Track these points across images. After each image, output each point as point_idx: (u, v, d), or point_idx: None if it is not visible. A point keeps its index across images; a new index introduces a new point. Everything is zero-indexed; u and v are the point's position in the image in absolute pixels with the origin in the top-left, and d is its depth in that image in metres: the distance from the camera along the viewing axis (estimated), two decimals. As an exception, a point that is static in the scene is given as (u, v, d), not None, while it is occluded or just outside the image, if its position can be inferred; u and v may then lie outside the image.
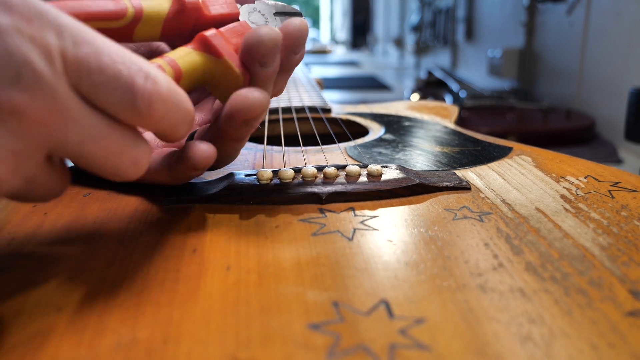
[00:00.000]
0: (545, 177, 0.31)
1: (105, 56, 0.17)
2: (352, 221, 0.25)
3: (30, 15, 0.16)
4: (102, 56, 0.17)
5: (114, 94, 0.17)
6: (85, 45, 0.17)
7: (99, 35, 0.17)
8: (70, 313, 0.17)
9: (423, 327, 0.16)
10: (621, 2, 1.05)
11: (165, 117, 0.18)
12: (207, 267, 0.20)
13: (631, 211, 0.26)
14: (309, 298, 0.18)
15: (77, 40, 0.17)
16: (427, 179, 0.30)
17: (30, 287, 0.19)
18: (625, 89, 0.99)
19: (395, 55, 4.07)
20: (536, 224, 0.24)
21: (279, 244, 0.22)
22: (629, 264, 0.21)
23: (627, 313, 0.17)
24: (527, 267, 0.20)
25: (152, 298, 0.18)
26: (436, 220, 0.25)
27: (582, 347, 0.16)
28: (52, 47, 0.16)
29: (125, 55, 0.17)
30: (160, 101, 0.18)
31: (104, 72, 0.17)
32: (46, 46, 0.16)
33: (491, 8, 1.90)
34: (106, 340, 0.16)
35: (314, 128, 0.46)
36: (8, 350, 0.15)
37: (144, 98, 0.17)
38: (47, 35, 0.16)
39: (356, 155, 0.36)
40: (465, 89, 1.36)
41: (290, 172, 0.28)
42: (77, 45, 0.17)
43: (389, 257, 0.21)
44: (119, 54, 0.17)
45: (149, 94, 0.17)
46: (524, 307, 0.18)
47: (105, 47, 0.17)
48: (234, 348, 0.15)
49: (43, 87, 0.16)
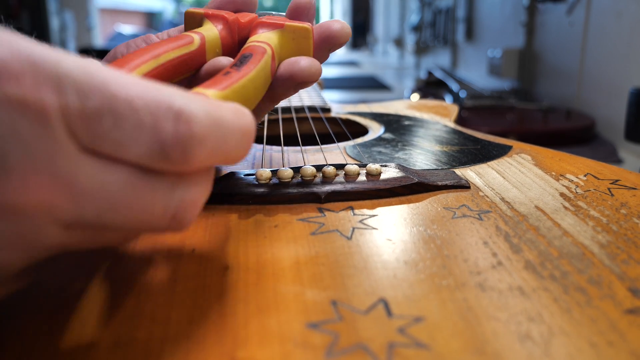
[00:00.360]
0: (544, 175, 0.31)
1: (121, 103, 0.14)
2: (351, 220, 0.25)
3: (20, 70, 0.13)
4: (116, 104, 0.14)
5: (138, 148, 0.14)
6: (94, 94, 0.14)
7: (115, 75, 0.14)
8: (68, 312, 0.17)
9: (422, 325, 0.16)
10: (621, 2, 1.05)
11: (211, 156, 0.15)
12: (205, 267, 0.20)
13: (631, 209, 0.26)
14: (307, 297, 0.18)
15: (83, 90, 0.13)
16: (426, 177, 0.30)
17: (30, 286, 0.19)
18: (625, 89, 0.98)
19: (395, 55, 4.07)
20: (535, 222, 0.24)
21: (278, 244, 0.22)
22: (629, 262, 0.20)
23: (627, 311, 0.17)
24: (526, 266, 0.20)
25: (151, 298, 0.18)
26: (435, 219, 0.25)
27: (581, 346, 0.15)
28: (50, 109, 0.13)
29: (149, 94, 0.14)
30: (199, 143, 0.14)
31: (121, 125, 0.14)
32: (41, 110, 0.13)
33: (491, 8, 1.90)
34: (105, 339, 0.16)
35: (313, 128, 0.46)
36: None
37: (175, 146, 0.14)
38: (43, 92, 0.13)
39: (355, 154, 0.36)
40: (465, 89, 1.36)
41: (289, 171, 0.28)
42: (83, 96, 0.13)
43: (387, 256, 0.21)
44: (141, 96, 0.14)
45: (182, 141, 0.14)
46: (523, 305, 0.18)
47: (121, 91, 0.14)
48: (232, 347, 0.15)
49: (37, 166, 0.13)
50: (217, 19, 0.28)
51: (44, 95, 0.13)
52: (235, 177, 0.29)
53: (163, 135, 0.14)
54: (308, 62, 0.27)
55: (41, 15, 3.26)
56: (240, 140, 0.16)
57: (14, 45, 0.13)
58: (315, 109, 0.53)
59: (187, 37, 0.25)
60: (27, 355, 0.15)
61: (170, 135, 0.14)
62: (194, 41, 0.25)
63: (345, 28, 0.28)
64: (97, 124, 0.14)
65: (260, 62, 0.24)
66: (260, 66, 0.24)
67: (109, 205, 0.14)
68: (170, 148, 0.14)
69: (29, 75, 0.13)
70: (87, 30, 4.63)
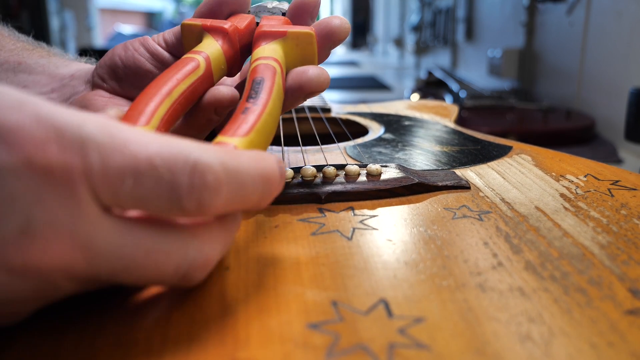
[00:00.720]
0: (545, 175, 0.31)
1: (141, 162, 0.14)
2: (351, 221, 0.25)
3: (45, 138, 0.13)
4: (137, 163, 0.14)
5: (158, 202, 0.15)
6: (116, 155, 0.14)
7: (134, 134, 0.15)
8: (69, 313, 0.17)
9: (422, 326, 0.16)
10: (621, 2, 1.05)
11: (229, 203, 0.16)
12: (206, 267, 0.20)
13: (631, 210, 0.26)
14: (308, 298, 0.18)
15: (106, 152, 0.14)
16: (427, 178, 0.30)
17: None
18: (625, 89, 0.98)
19: (395, 55, 4.07)
20: (535, 223, 0.24)
21: (278, 244, 0.22)
22: (629, 263, 0.20)
23: (627, 312, 0.17)
24: (526, 266, 0.20)
25: (150, 298, 0.18)
26: (435, 220, 0.25)
27: (582, 346, 0.15)
28: (75, 174, 0.14)
29: (167, 150, 0.15)
30: (214, 192, 0.15)
31: (142, 182, 0.14)
32: (67, 176, 0.13)
33: (491, 8, 1.90)
34: (105, 339, 0.16)
35: (313, 128, 0.46)
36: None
37: (190, 197, 0.15)
38: (68, 158, 0.14)
39: (356, 154, 0.36)
40: (465, 89, 1.36)
41: (289, 171, 0.28)
42: (106, 158, 0.14)
43: (388, 257, 0.21)
44: (159, 152, 0.15)
45: (196, 191, 0.15)
46: (523, 306, 0.18)
47: (142, 151, 0.14)
48: (232, 348, 0.15)
49: (59, 230, 0.13)
50: (216, 33, 0.27)
51: (69, 161, 0.14)
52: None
53: (179, 188, 0.15)
54: (316, 72, 0.26)
55: (41, 15, 3.26)
56: (262, 186, 0.17)
57: (37, 111, 0.14)
58: (316, 109, 0.53)
59: (192, 62, 0.25)
60: (28, 356, 0.15)
61: (185, 187, 0.15)
62: (200, 65, 0.25)
63: (344, 23, 0.28)
64: (120, 183, 0.14)
65: (274, 86, 0.23)
66: (275, 91, 0.23)
67: (123, 266, 0.15)
68: (185, 199, 0.15)
69: (54, 142, 0.13)
70: (87, 30, 4.63)
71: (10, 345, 0.16)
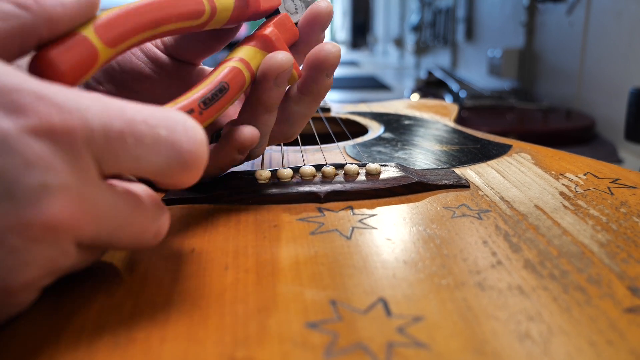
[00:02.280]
0: (544, 174, 0.31)
1: (139, 123, 0.16)
2: (350, 220, 0.25)
3: (52, 110, 0.15)
4: (136, 123, 0.16)
5: (157, 160, 0.16)
6: (115, 120, 0.16)
7: (126, 103, 0.16)
8: (67, 313, 0.17)
9: (421, 325, 0.16)
10: (621, 2, 1.04)
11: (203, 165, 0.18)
12: (205, 267, 0.20)
13: (630, 208, 0.26)
14: (307, 297, 0.18)
15: (105, 118, 0.16)
16: (426, 177, 0.30)
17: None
18: (625, 89, 0.98)
19: (395, 55, 4.07)
20: (535, 222, 0.24)
21: (277, 243, 0.22)
22: (628, 261, 0.20)
23: (626, 310, 0.17)
24: (525, 265, 0.20)
25: (150, 298, 0.18)
26: (435, 219, 0.25)
27: (581, 345, 0.15)
28: (77, 138, 0.15)
29: (158, 113, 0.17)
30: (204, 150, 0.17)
31: (143, 142, 0.16)
32: (71, 142, 0.15)
33: (491, 8, 1.90)
34: (104, 339, 0.16)
35: (313, 127, 0.46)
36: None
37: (190, 153, 0.17)
38: (69, 122, 0.15)
39: (355, 154, 0.36)
40: (465, 89, 1.36)
41: (288, 171, 0.28)
42: (105, 122, 0.15)
43: (387, 256, 0.21)
44: (154, 116, 0.16)
45: (195, 148, 0.17)
46: (522, 304, 0.18)
47: (137, 115, 0.16)
48: (231, 347, 0.15)
49: (71, 191, 0.15)
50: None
51: (71, 124, 0.15)
52: (235, 177, 0.29)
53: (180, 146, 0.16)
54: (330, 46, 0.26)
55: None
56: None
57: (37, 92, 0.15)
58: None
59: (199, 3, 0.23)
60: (28, 356, 0.15)
61: (185, 144, 0.17)
62: (205, 13, 0.23)
63: (329, 6, 0.27)
64: (122, 143, 0.16)
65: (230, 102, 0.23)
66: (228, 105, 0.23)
67: (118, 224, 0.17)
68: (187, 154, 0.17)
69: (56, 114, 0.15)
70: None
71: (8, 345, 0.16)
